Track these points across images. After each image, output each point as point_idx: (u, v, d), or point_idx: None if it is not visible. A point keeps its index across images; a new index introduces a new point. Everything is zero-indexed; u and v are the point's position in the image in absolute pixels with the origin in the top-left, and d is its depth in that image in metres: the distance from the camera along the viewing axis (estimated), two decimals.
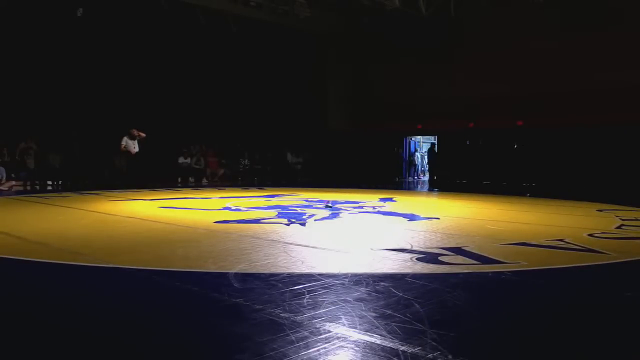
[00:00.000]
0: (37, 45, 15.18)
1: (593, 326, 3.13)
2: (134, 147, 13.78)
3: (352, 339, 2.71)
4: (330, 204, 9.23)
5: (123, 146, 13.69)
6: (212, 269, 4.29)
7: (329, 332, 2.80)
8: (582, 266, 4.64)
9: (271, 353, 2.50)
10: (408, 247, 5.26)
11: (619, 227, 7.01)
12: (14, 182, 13.62)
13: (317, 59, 20.62)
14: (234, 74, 19.30)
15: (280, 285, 3.73)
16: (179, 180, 16.88)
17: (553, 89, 16.00)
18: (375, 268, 4.35)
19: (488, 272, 4.29)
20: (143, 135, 13.88)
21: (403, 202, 10.91)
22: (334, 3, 18.32)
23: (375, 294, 3.54)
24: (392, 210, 8.89)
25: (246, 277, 3.95)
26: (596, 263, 4.73)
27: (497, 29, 17.02)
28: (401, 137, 21.51)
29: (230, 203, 9.77)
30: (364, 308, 3.21)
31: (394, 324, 2.93)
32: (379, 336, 2.74)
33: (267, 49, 19.32)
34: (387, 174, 20.56)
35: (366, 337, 2.73)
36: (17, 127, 14.61)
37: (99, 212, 8.19)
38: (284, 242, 5.47)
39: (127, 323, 3.05)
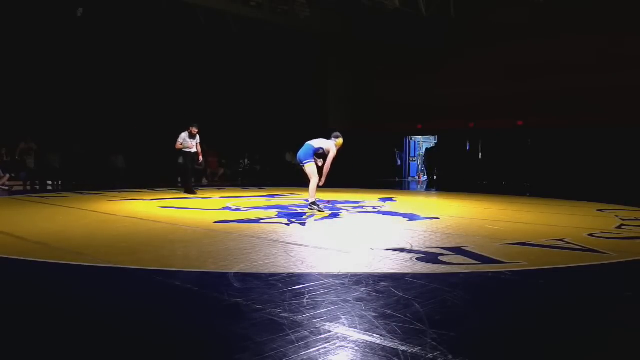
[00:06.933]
0: (37, 45, 15.19)
1: (593, 326, 3.13)
2: (192, 145, 12.26)
3: (352, 339, 2.71)
4: (330, 204, 9.23)
5: (179, 144, 12.35)
6: (212, 269, 4.29)
7: (329, 332, 2.80)
8: (582, 266, 4.64)
9: (271, 353, 2.50)
10: (408, 247, 5.26)
11: (619, 227, 7.02)
12: (8, 175, 13.57)
13: (317, 59, 20.61)
14: (233, 74, 19.30)
15: (280, 285, 3.73)
16: (179, 180, 16.85)
17: (553, 89, 16.00)
18: (375, 268, 4.35)
19: (488, 272, 4.29)
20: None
21: (403, 202, 10.91)
22: (334, 3, 18.31)
23: (375, 294, 3.54)
24: (392, 210, 8.90)
25: (246, 277, 3.95)
26: (596, 263, 4.73)
27: (497, 29, 17.02)
28: (401, 137, 21.51)
29: (230, 203, 9.78)
30: (364, 308, 3.21)
31: (394, 324, 2.93)
32: (379, 336, 2.74)
33: (267, 49, 19.32)
34: (387, 174, 20.56)
35: (366, 337, 2.73)
36: (17, 127, 14.62)
37: (99, 212, 8.19)
38: (284, 242, 5.47)
39: (127, 323, 3.05)
